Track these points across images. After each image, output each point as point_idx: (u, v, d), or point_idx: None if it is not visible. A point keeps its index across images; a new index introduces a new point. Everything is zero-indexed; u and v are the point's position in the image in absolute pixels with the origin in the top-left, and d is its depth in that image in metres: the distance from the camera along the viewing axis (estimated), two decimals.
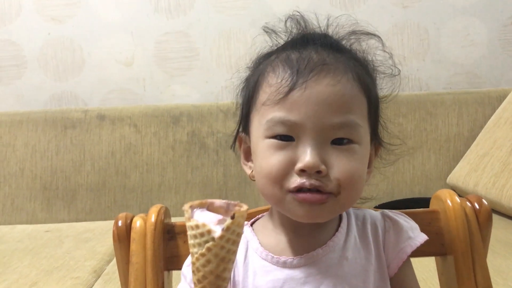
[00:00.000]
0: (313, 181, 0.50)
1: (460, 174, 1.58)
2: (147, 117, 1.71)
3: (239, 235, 0.43)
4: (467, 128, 1.69)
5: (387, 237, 0.58)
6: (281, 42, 0.60)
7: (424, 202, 0.72)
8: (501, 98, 1.69)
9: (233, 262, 0.44)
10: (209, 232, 0.42)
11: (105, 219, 1.65)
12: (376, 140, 0.59)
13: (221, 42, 1.84)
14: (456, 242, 0.65)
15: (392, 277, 0.57)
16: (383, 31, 1.81)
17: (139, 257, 0.64)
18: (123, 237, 0.67)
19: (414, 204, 1.42)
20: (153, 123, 1.71)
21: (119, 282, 1.11)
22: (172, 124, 1.71)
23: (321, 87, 0.51)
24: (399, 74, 0.62)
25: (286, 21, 0.59)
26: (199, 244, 0.43)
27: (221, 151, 1.69)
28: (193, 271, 0.44)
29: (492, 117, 1.64)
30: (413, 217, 0.67)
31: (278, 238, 0.57)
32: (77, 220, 1.67)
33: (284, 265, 0.55)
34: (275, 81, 0.53)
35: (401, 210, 0.66)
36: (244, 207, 0.44)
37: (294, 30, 0.59)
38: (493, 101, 1.70)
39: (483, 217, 0.67)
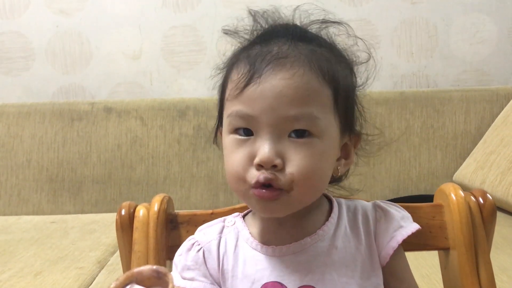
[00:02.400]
0: (267, 175, 0.50)
1: (466, 172, 1.57)
2: (153, 111, 1.71)
3: None
4: (475, 125, 1.68)
5: (378, 226, 0.58)
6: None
7: (429, 199, 0.71)
8: (509, 96, 1.68)
9: None
10: None
11: (111, 211, 1.66)
12: (351, 131, 0.58)
13: (228, 36, 1.83)
14: (460, 236, 0.64)
15: (385, 266, 0.57)
16: (391, 27, 1.81)
17: (142, 245, 0.65)
18: (126, 225, 0.67)
19: (419, 201, 1.41)
20: (159, 116, 1.71)
21: (122, 272, 1.12)
22: (178, 117, 1.71)
23: (275, 81, 0.51)
24: (368, 61, 0.61)
25: (254, 17, 0.59)
26: None
27: None
28: None
29: (500, 115, 1.63)
30: (417, 210, 0.67)
31: (267, 229, 0.57)
32: (83, 212, 1.68)
33: (273, 253, 0.55)
34: (236, 77, 0.53)
35: (404, 204, 0.66)
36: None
37: (263, 25, 0.59)
38: (501, 99, 1.69)
39: (487, 211, 0.66)
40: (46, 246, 1.32)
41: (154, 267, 0.42)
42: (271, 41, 0.55)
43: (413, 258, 1.09)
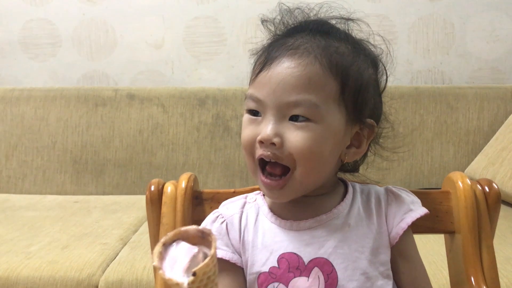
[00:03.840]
0: (269, 153, 0.57)
1: (477, 167, 1.61)
2: (174, 99, 1.77)
3: (209, 278, 0.44)
4: (488, 122, 1.71)
5: (389, 209, 0.63)
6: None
7: None
8: None
9: None
10: (177, 284, 0.43)
11: (131, 194, 1.73)
12: (361, 122, 0.61)
13: (248, 28, 1.89)
14: (464, 221, 0.69)
15: (394, 245, 0.62)
16: (409, 23, 1.84)
17: (169, 218, 0.70)
18: (155, 200, 0.73)
19: None
20: (180, 104, 1.77)
21: (144, 250, 1.19)
22: (198, 106, 1.76)
23: (281, 69, 0.57)
24: (381, 55, 0.65)
25: (284, 13, 0.65)
26: None
27: None
28: None
29: None
30: (426, 196, 0.72)
31: (285, 206, 0.63)
32: (104, 193, 1.75)
33: (291, 227, 0.61)
34: (256, 64, 0.61)
35: (414, 190, 0.71)
36: (207, 259, 0.44)
37: (291, 20, 0.64)
38: None
39: (492, 199, 0.71)
40: (71, 223, 1.39)
41: (199, 227, 0.46)
42: (293, 35, 0.60)
43: (421, 246, 1.15)
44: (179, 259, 0.44)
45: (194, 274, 0.42)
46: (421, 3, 1.84)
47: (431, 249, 1.12)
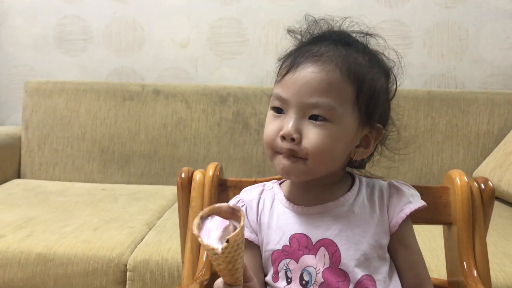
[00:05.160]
0: (288, 146, 0.65)
1: (485, 170, 1.67)
2: (197, 95, 1.86)
3: (239, 245, 0.53)
4: (497, 127, 1.77)
5: (391, 200, 0.71)
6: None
7: None
8: None
9: (241, 257, 0.55)
10: (212, 249, 0.52)
11: (154, 184, 1.83)
12: (371, 125, 0.70)
13: (269, 30, 1.97)
14: (460, 213, 0.77)
15: (394, 233, 0.70)
16: (424, 28, 1.91)
17: (198, 202, 0.80)
18: (185, 186, 0.82)
19: None
20: (202, 100, 1.86)
21: (168, 234, 1.29)
22: (219, 103, 1.86)
23: (305, 73, 0.65)
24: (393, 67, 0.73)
25: (309, 23, 0.73)
26: (210, 255, 0.54)
27: (262, 131, 1.82)
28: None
29: None
30: (427, 190, 0.80)
31: (297, 193, 0.72)
32: (129, 182, 1.85)
33: (302, 212, 0.70)
34: (283, 67, 0.69)
35: (415, 184, 0.79)
36: (238, 229, 0.53)
37: (316, 30, 0.72)
38: None
39: (487, 195, 0.79)
40: (99, 209, 1.50)
41: (230, 204, 0.56)
42: (318, 43, 0.69)
43: (426, 241, 1.23)
44: (213, 230, 0.53)
45: (227, 241, 0.51)
46: (436, 10, 1.90)
47: (435, 244, 1.19)
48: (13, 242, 1.22)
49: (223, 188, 0.83)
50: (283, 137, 0.65)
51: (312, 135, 0.64)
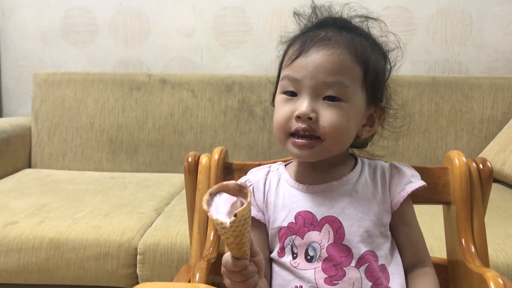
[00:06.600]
0: (305, 126, 0.67)
1: (489, 154, 1.68)
2: (203, 84, 1.89)
3: (246, 220, 0.56)
4: (501, 111, 1.78)
5: (392, 180, 0.75)
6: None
7: None
8: None
9: (248, 232, 0.57)
10: (221, 223, 0.55)
11: (162, 172, 1.86)
12: (376, 105, 0.73)
13: (273, 18, 1.99)
14: (459, 192, 0.79)
15: (395, 211, 0.73)
16: (428, 14, 1.92)
17: (204, 185, 0.83)
18: (192, 169, 0.85)
19: None
20: (208, 89, 1.88)
21: (177, 219, 1.32)
22: (225, 91, 1.88)
23: (318, 55, 0.68)
24: (392, 50, 0.76)
25: (314, 9, 0.76)
26: (219, 229, 0.56)
27: (267, 119, 1.85)
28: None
29: None
30: (427, 171, 0.83)
31: (302, 173, 0.75)
32: (138, 170, 1.89)
33: (307, 190, 0.73)
34: (291, 52, 0.71)
35: (416, 166, 0.82)
36: (245, 204, 0.55)
37: (319, 15, 0.76)
38: None
39: (485, 175, 0.81)
40: (109, 196, 1.53)
41: (238, 182, 0.59)
42: (322, 28, 0.72)
43: (430, 223, 1.24)
44: (222, 206, 0.56)
45: (235, 215, 0.54)
46: None
47: (439, 226, 1.22)
48: (26, 228, 1.26)
49: (229, 171, 0.86)
50: (299, 117, 0.67)
51: (328, 114, 0.67)
